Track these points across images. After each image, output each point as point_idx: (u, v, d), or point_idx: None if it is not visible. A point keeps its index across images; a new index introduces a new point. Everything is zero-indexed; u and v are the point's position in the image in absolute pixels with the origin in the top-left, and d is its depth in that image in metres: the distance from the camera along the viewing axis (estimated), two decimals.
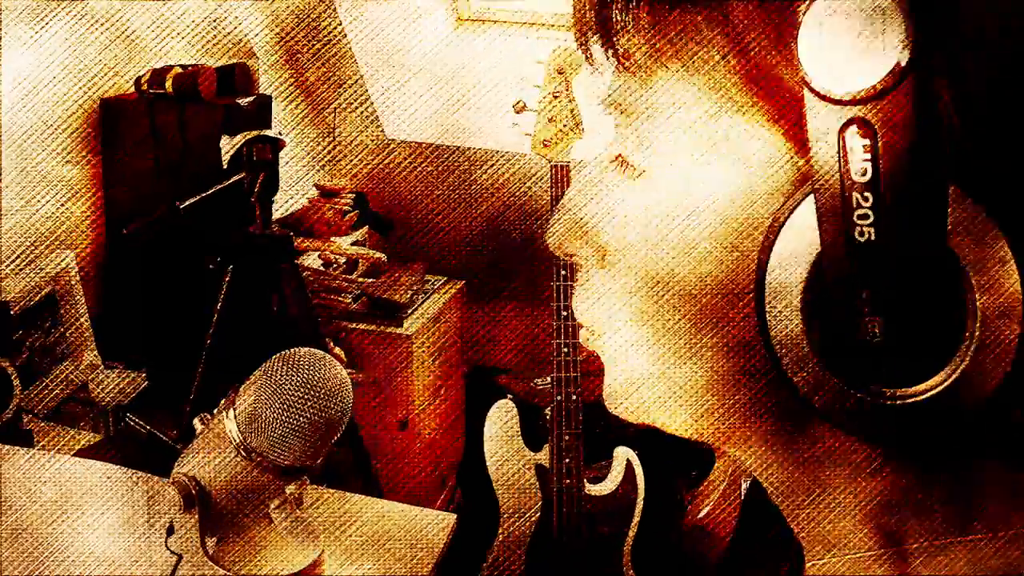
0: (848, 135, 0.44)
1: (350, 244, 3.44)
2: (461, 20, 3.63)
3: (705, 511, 2.84)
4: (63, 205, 2.74)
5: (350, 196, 3.51)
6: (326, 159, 3.76)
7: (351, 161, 3.76)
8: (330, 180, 3.68)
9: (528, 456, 2.76)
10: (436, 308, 3.43)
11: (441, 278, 3.58)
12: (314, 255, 3.33)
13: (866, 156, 0.43)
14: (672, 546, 2.87)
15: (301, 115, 3.67)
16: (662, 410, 0.55)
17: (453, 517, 1.82)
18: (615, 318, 0.56)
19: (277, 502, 1.28)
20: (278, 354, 1.24)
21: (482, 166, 3.62)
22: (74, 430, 2.36)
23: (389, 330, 3.27)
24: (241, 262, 2.52)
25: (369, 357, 3.25)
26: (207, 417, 1.29)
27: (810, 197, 0.47)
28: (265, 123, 2.76)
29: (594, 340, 0.58)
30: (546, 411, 2.78)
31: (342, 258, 3.39)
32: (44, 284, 2.59)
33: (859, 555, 0.53)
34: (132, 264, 2.91)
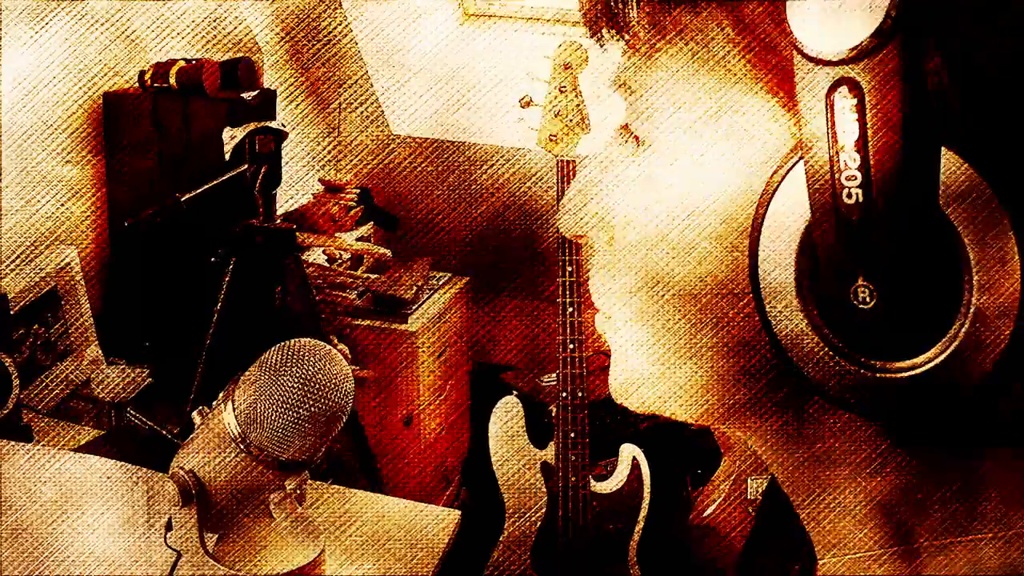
0: (836, 97, 0.44)
1: (355, 240, 3.42)
2: (467, 15, 3.62)
3: (711, 509, 2.82)
4: (63, 205, 2.74)
5: (355, 192, 3.50)
6: (330, 155, 3.74)
7: (356, 157, 3.74)
8: (335, 176, 3.66)
9: (533, 453, 2.76)
10: (441, 304, 3.42)
11: (446, 274, 3.57)
12: (318, 251, 3.31)
13: (854, 116, 0.43)
14: (677, 545, 2.86)
15: (305, 110, 3.66)
16: (663, 408, 0.56)
17: (457, 514, 1.82)
18: (616, 318, 0.57)
19: (277, 497, 1.26)
20: (277, 345, 1.22)
21: (487, 162, 3.60)
22: (74, 426, 2.35)
23: (393, 326, 3.25)
24: (243, 255, 2.50)
25: (373, 354, 3.23)
26: (206, 411, 1.27)
27: (801, 163, 0.47)
28: (269, 117, 2.74)
29: (609, 325, 0.58)
30: (551, 408, 2.77)
31: (346, 254, 3.38)
32: (46, 280, 2.58)
33: (859, 555, 0.53)
34: (134, 259, 2.89)
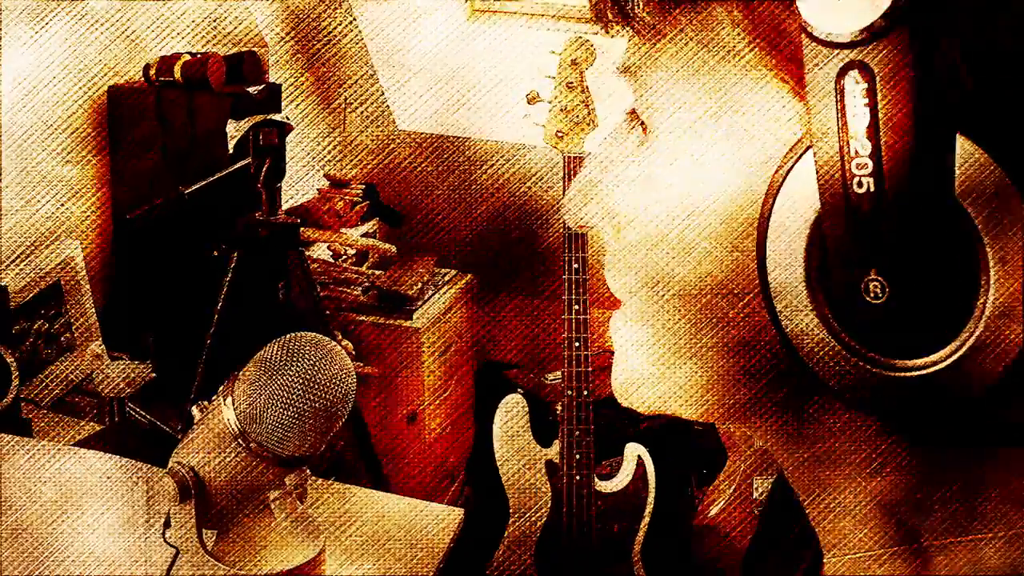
0: (846, 81, 0.43)
1: (359, 236, 3.41)
2: (474, 11, 3.61)
3: (716, 510, 2.81)
4: (63, 205, 2.75)
5: (360, 188, 3.49)
6: (335, 151, 3.74)
7: (361, 152, 3.74)
8: (340, 171, 3.65)
9: (538, 452, 2.75)
10: (446, 301, 3.41)
11: (451, 271, 3.55)
12: (323, 246, 3.30)
13: (865, 101, 0.42)
14: (682, 545, 2.85)
15: (310, 106, 3.65)
16: (664, 408, 0.56)
17: (460, 512, 1.81)
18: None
19: (277, 494, 1.24)
20: (277, 340, 1.20)
21: (494, 158, 3.60)
22: (74, 420, 2.34)
23: (398, 323, 3.24)
24: (246, 249, 2.48)
25: (377, 350, 3.22)
26: (205, 405, 1.25)
27: (810, 152, 0.46)
28: (273, 111, 2.73)
29: (621, 317, 0.58)
30: (556, 406, 2.76)
31: (351, 249, 3.37)
32: (49, 275, 2.57)
33: (859, 555, 0.53)
34: (138, 253, 2.88)
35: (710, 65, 0.49)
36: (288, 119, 2.43)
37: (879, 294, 0.44)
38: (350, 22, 3.53)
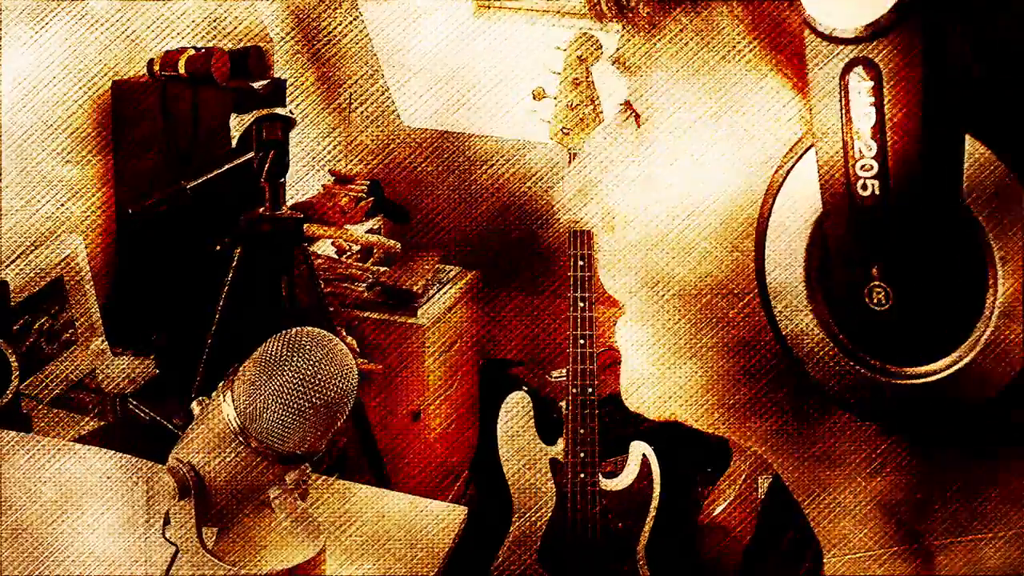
0: (851, 78, 0.41)
1: (364, 232, 3.40)
2: (479, 7, 3.60)
3: (721, 509, 2.81)
4: (63, 205, 2.75)
5: (364, 183, 3.48)
6: (340, 147, 3.73)
7: (365, 148, 3.73)
8: (344, 167, 3.64)
9: (542, 449, 2.75)
10: (450, 298, 3.40)
11: (455, 268, 3.55)
12: (327, 242, 3.29)
13: (870, 99, 0.41)
14: (687, 543, 2.84)
15: (315, 102, 3.64)
16: (664, 409, 0.56)
17: (463, 510, 1.81)
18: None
19: (277, 491, 1.23)
20: (278, 334, 1.19)
21: (499, 154, 3.59)
22: (75, 416, 2.34)
23: (402, 320, 3.23)
24: (250, 244, 2.47)
25: (382, 347, 3.22)
26: (205, 401, 1.24)
27: (811, 151, 0.44)
28: (278, 106, 2.72)
29: (624, 322, 0.58)
30: (561, 404, 2.76)
31: (356, 246, 3.36)
32: (51, 270, 2.56)
33: (859, 555, 0.52)
34: (140, 248, 2.88)
35: (710, 65, 0.49)
36: (292, 113, 2.41)
37: (883, 301, 0.43)
38: (354, 19, 3.52)
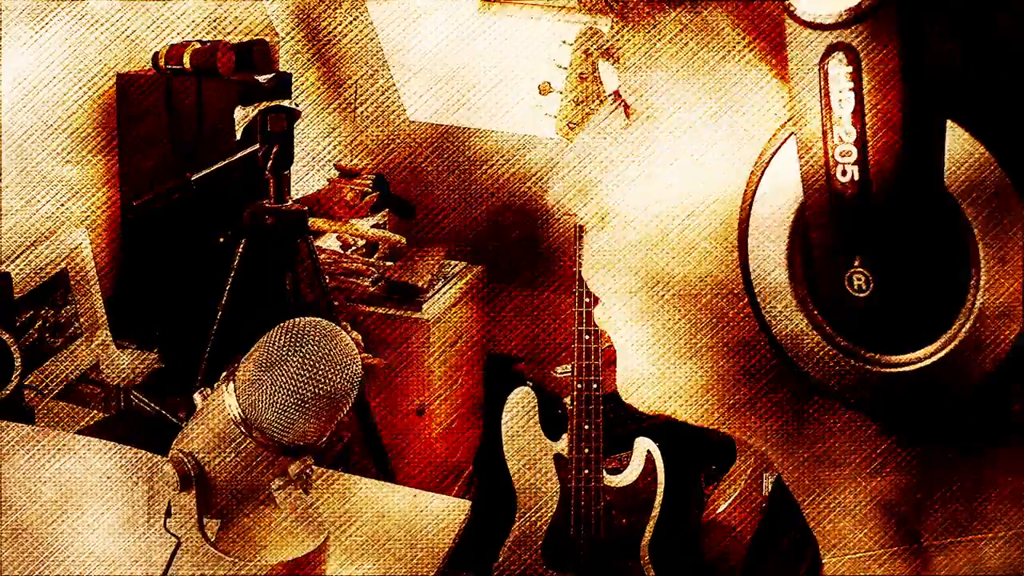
0: (830, 64, 0.41)
1: (369, 226, 3.39)
2: (485, 2, 3.60)
3: (724, 506, 2.80)
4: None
5: (370, 177, 3.47)
6: (344, 142, 3.73)
7: (371, 143, 3.73)
8: (350, 161, 3.64)
9: (547, 445, 2.74)
10: (455, 293, 3.39)
11: (460, 263, 3.54)
12: (332, 237, 3.29)
13: (849, 85, 0.41)
14: (690, 540, 2.83)
15: (321, 96, 3.64)
16: (664, 408, 0.56)
17: (467, 504, 1.80)
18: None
19: (279, 482, 1.22)
20: (281, 324, 1.18)
21: (504, 150, 3.59)
22: (77, 408, 2.33)
23: (408, 315, 3.23)
24: (254, 237, 2.46)
25: (386, 342, 3.21)
26: (208, 392, 1.23)
27: (792, 139, 0.44)
28: (283, 99, 2.72)
29: (609, 317, 0.58)
30: (566, 400, 2.75)
31: (361, 240, 3.35)
32: (56, 262, 2.56)
33: (859, 555, 0.53)
34: (145, 241, 2.87)
35: (710, 65, 0.49)
36: (297, 105, 2.41)
37: (863, 287, 0.43)
38: (358, 16, 3.52)
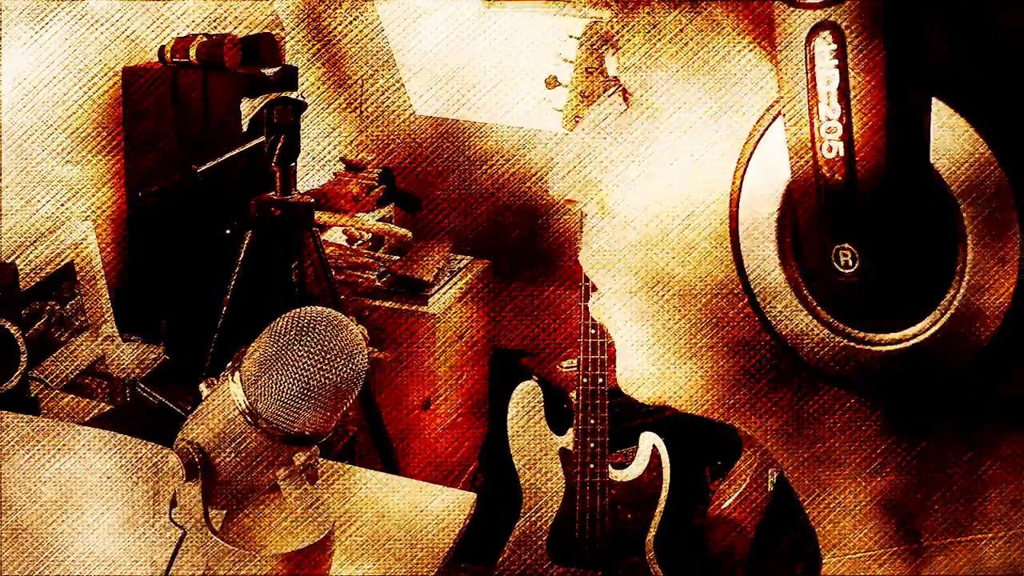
0: (816, 43, 0.42)
1: (375, 220, 3.39)
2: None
3: (730, 502, 2.79)
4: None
5: (376, 171, 3.47)
6: (350, 135, 3.72)
7: (377, 137, 3.72)
8: (356, 155, 3.64)
9: (552, 439, 2.74)
10: (461, 287, 3.39)
11: (466, 257, 3.54)
12: (338, 231, 3.28)
13: (834, 63, 0.41)
14: (696, 536, 2.83)
15: (327, 90, 3.64)
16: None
17: (473, 496, 1.80)
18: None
19: (285, 472, 1.22)
20: (287, 313, 1.17)
21: (510, 144, 3.58)
22: (83, 400, 2.33)
23: (414, 309, 3.23)
24: (260, 229, 2.46)
25: (392, 335, 3.21)
26: (213, 382, 1.23)
27: (780, 119, 0.45)
28: (289, 90, 2.72)
29: (600, 303, 0.58)
30: (571, 394, 2.75)
31: (367, 234, 3.35)
32: (62, 254, 2.56)
33: (859, 555, 0.53)
34: (151, 233, 2.87)
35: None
36: (303, 97, 2.40)
37: (850, 263, 0.43)
38: (364, 12, 3.52)
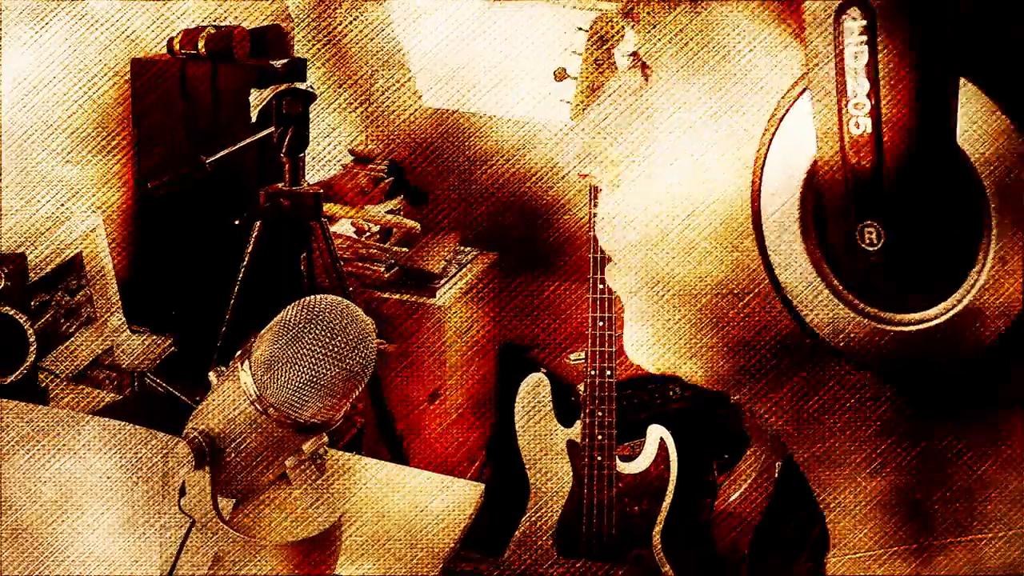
0: (845, 19, 0.42)
1: (384, 212, 3.39)
2: None
3: (736, 495, 2.79)
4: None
5: (384, 163, 3.47)
6: (360, 126, 3.72)
7: (386, 129, 3.72)
8: (364, 147, 3.63)
9: (560, 432, 2.74)
10: (469, 280, 3.39)
11: (474, 250, 3.54)
12: (347, 223, 3.29)
13: (863, 39, 0.41)
14: (702, 529, 2.83)
15: (336, 81, 3.64)
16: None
17: (481, 487, 1.80)
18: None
19: (294, 461, 1.22)
20: (297, 302, 1.18)
21: (519, 136, 3.58)
22: (92, 390, 2.34)
23: (421, 301, 3.23)
24: (268, 219, 2.46)
25: (400, 328, 3.21)
26: (222, 370, 1.23)
27: (806, 95, 0.45)
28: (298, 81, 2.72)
29: (616, 271, 0.58)
30: (579, 387, 2.75)
31: (375, 226, 3.35)
32: (71, 246, 2.57)
33: (859, 555, 0.53)
34: (159, 225, 2.88)
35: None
36: (312, 88, 2.40)
37: (874, 241, 0.43)
38: (371, 7, 3.52)
